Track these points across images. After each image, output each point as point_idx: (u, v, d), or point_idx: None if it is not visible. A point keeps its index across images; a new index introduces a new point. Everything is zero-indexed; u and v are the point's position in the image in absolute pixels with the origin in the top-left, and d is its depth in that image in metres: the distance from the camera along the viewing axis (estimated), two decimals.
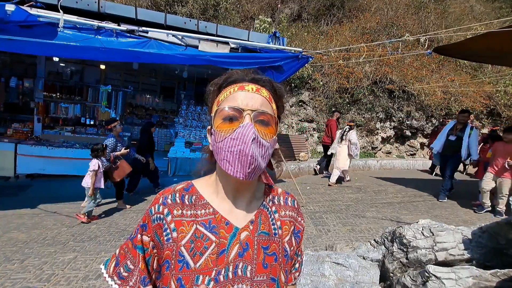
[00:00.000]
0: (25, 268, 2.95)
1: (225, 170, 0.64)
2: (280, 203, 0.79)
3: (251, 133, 0.62)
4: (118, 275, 0.69)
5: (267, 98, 0.68)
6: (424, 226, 2.22)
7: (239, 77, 0.71)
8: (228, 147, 0.63)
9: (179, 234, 0.66)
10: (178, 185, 0.74)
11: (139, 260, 0.68)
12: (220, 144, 0.65)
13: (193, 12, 10.29)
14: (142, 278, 0.67)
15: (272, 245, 0.71)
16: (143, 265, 0.68)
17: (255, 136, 0.62)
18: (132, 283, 0.67)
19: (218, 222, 0.68)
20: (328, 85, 10.00)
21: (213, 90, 0.74)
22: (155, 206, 0.69)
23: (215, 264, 0.64)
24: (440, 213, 5.14)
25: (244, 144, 0.61)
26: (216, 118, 0.67)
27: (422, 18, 12.44)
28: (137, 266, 0.68)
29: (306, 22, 12.40)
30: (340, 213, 4.96)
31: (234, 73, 0.73)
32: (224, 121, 0.65)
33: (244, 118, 0.64)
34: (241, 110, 0.64)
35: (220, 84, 0.72)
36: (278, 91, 0.74)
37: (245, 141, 0.61)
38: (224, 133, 0.64)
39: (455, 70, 11.76)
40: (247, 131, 0.62)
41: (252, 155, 0.61)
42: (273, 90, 0.72)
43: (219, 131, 0.65)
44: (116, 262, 0.71)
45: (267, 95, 0.69)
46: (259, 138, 0.63)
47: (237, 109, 0.64)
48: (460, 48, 4.93)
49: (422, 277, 1.82)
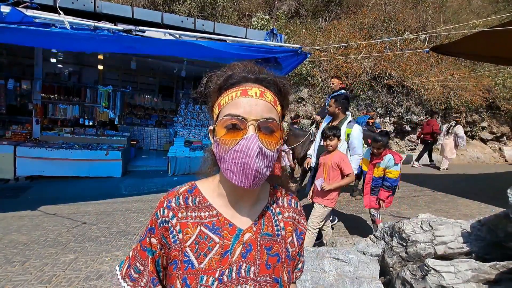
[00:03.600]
0: (26, 269, 2.95)
1: (229, 180, 0.64)
2: (283, 205, 0.80)
3: (256, 147, 0.60)
4: (129, 277, 0.71)
5: (271, 102, 0.66)
6: (423, 220, 2.22)
7: (241, 76, 0.67)
8: (232, 159, 0.62)
9: (184, 236, 0.67)
10: (182, 187, 0.74)
11: (148, 261, 0.69)
12: (224, 155, 0.64)
13: (191, 11, 10.27)
14: (152, 279, 0.69)
15: (275, 246, 0.72)
16: (152, 267, 0.69)
17: (260, 149, 0.61)
18: (143, 284, 0.69)
19: (222, 224, 0.69)
20: (327, 81, 9.97)
21: (213, 90, 0.70)
22: (160, 210, 0.70)
23: (219, 265, 0.65)
24: (441, 207, 5.15)
25: (248, 158, 0.60)
26: (218, 126, 0.65)
27: (420, 13, 12.39)
28: (146, 267, 0.69)
29: (304, 18, 12.36)
30: (341, 209, 4.97)
31: (235, 70, 0.69)
32: (227, 131, 0.63)
33: (248, 128, 0.62)
34: (244, 120, 0.62)
35: (220, 84, 0.69)
36: (283, 90, 0.70)
37: (250, 154, 0.60)
38: (228, 145, 0.63)
39: (454, 64, 11.73)
40: (251, 144, 0.60)
41: (257, 169, 0.61)
42: (278, 90, 0.69)
43: (222, 141, 0.64)
44: (128, 264, 0.73)
45: (271, 99, 0.66)
46: (263, 150, 0.62)
47: (240, 119, 0.62)
48: (457, 47, 4.92)
49: (422, 271, 1.82)
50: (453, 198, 5.74)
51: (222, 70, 0.71)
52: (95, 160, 6.51)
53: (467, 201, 5.49)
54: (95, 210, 4.77)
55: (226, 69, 0.70)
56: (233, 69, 0.69)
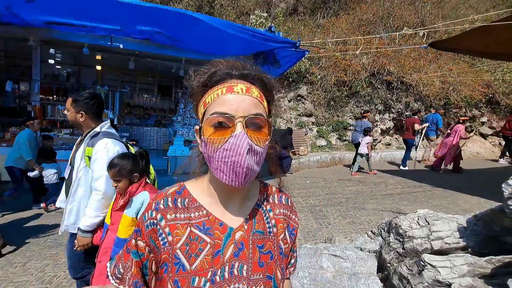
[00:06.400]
0: (27, 270, 2.97)
1: (220, 179, 0.63)
2: (274, 201, 0.79)
3: (246, 144, 0.59)
4: (115, 275, 0.72)
5: (258, 98, 0.64)
6: (420, 216, 2.23)
7: (225, 73, 0.65)
8: (221, 158, 0.61)
9: (174, 238, 0.66)
10: (170, 188, 0.74)
11: (131, 264, 0.69)
12: (213, 154, 0.62)
13: (188, 9, 10.25)
14: (134, 282, 0.68)
15: (267, 243, 0.72)
16: (135, 270, 0.68)
17: (249, 146, 0.60)
18: (127, 285, 0.69)
19: (212, 224, 0.68)
20: (326, 78, 9.96)
21: (196, 87, 0.68)
22: (148, 212, 0.69)
23: (210, 265, 0.64)
24: (440, 203, 5.15)
25: (238, 156, 0.59)
26: (205, 124, 0.63)
27: (419, 8, 12.34)
28: (128, 270, 0.69)
29: (302, 15, 12.33)
30: (340, 206, 4.98)
31: (219, 67, 0.67)
32: (215, 129, 0.61)
33: (236, 126, 0.61)
34: (231, 118, 0.60)
35: (204, 81, 0.66)
36: (268, 85, 0.69)
37: (240, 152, 0.59)
38: (216, 144, 0.61)
39: (453, 59, 11.70)
40: (241, 141, 0.59)
41: (248, 167, 0.60)
42: (263, 85, 0.68)
43: (210, 140, 0.62)
44: (115, 263, 0.73)
45: (257, 94, 0.64)
46: (253, 147, 0.61)
47: (228, 116, 0.60)
48: (455, 42, 4.91)
49: (418, 266, 1.83)
50: (452, 193, 5.74)
51: (204, 67, 0.69)
52: None
53: (466, 197, 5.49)
54: None
55: (209, 66, 0.68)
56: (216, 66, 0.67)
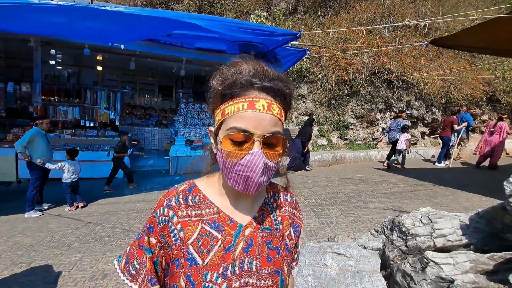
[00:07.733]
0: (31, 271, 2.99)
1: (232, 186, 0.67)
2: (280, 199, 0.83)
3: (262, 164, 0.62)
4: (128, 272, 0.72)
5: (278, 115, 0.64)
6: (422, 214, 2.25)
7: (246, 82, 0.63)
8: (236, 171, 0.64)
9: (186, 234, 0.68)
10: (181, 185, 0.75)
11: (146, 260, 0.70)
12: (228, 165, 0.65)
13: (189, 9, 10.28)
14: (149, 278, 0.69)
15: (275, 239, 0.75)
16: (150, 266, 0.70)
17: (264, 165, 0.63)
18: (140, 280, 0.70)
19: (223, 220, 0.71)
20: (326, 77, 9.96)
21: (215, 94, 0.67)
22: (160, 209, 0.70)
23: (222, 261, 0.67)
24: (442, 201, 5.15)
25: (253, 173, 0.62)
26: (222, 135, 0.65)
27: (419, 7, 12.33)
28: (144, 266, 0.70)
29: (302, 15, 12.32)
30: (342, 205, 4.99)
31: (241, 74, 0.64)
32: (232, 143, 0.63)
33: (254, 144, 0.62)
34: (250, 136, 0.62)
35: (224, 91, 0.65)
36: (288, 98, 0.69)
37: (255, 170, 0.62)
38: (232, 158, 0.63)
39: (453, 57, 11.69)
40: (257, 160, 0.62)
41: (260, 182, 0.64)
42: (284, 99, 0.67)
43: (226, 153, 0.64)
44: (126, 260, 0.74)
45: (278, 111, 0.64)
46: (268, 164, 0.64)
47: (247, 135, 0.62)
48: (456, 39, 4.91)
49: (421, 263, 1.84)
50: (454, 191, 5.74)
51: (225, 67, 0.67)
52: (97, 161, 6.56)
53: (468, 194, 5.49)
54: (99, 210, 4.82)
55: (229, 68, 0.67)
56: (237, 69, 0.66)
